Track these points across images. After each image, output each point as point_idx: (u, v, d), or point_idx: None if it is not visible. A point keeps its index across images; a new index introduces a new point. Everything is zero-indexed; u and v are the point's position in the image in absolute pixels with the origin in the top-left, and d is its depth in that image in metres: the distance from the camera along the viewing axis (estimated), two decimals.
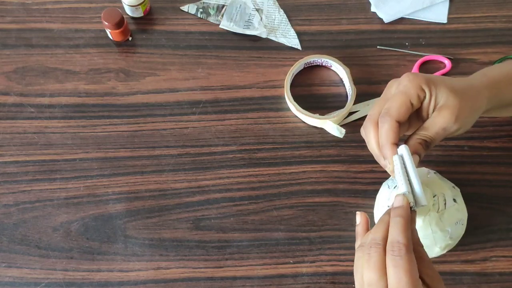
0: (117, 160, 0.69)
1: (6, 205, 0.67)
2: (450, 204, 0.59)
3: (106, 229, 0.66)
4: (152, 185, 0.68)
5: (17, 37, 0.75)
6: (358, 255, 0.48)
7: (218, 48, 0.76)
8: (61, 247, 0.65)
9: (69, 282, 0.64)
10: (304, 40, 0.76)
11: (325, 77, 0.75)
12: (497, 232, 0.67)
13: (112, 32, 0.73)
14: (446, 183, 0.61)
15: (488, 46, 0.76)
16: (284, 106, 0.73)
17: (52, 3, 0.77)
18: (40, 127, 0.71)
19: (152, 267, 0.65)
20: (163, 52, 0.75)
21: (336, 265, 0.65)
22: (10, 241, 0.66)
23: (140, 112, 0.72)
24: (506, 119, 0.73)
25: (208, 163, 0.70)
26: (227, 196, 0.68)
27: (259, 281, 0.65)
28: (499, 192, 0.69)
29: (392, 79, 0.55)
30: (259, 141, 0.71)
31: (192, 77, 0.74)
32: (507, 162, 0.71)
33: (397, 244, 0.45)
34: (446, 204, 0.58)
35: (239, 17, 0.77)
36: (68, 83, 0.73)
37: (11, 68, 0.74)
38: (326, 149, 0.71)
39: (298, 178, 0.69)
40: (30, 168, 0.69)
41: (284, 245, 0.66)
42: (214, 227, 0.67)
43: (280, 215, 0.68)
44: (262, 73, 0.74)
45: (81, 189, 0.68)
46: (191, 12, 0.78)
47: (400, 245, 0.45)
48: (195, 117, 0.72)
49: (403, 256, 0.44)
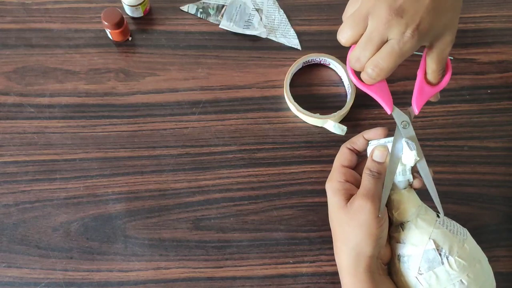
0: (117, 160, 0.69)
1: (6, 205, 0.67)
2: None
3: (106, 229, 0.66)
4: (152, 185, 0.68)
5: (17, 37, 0.75)
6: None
7: (218, 48, 0.76)
8: (61, 247, 0.65)
9: (69, 282, 0.64)
10: (304, 40, 0.76)
11: (324, 77, 0.75)
12: (497, 232, 0.67)
13: (112, 32, 0.73)
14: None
15: (488, 46, 0.76)
16: (284, 106, 0.73)
17: (52, 3, 0.77)
18: (40, 127, 0.71)
19: (152, 267, 0.65)
20: (163, 52, 0.75)
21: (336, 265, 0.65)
22: (10, 241, 0.66)
23: (140, 112, 0.72)
24: (506, 119, 0.73)
25: (208, 163, 0.70)
26: (227, 196, 0.68)
27: (259, 281, 0.65)
28: (499, 192, 0.69)
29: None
30: (259, 141, 0.71)
31: (192, 77, 0.74)
32: (507, 162, 0.71)
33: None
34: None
35: (239, 17, 0.77)
36: (68, 83, 0.73)
37: (11, 68, 0.74)
38: (326, 149, 0.71)
39: (298, 178, 0.69)
40: (30, 168, 0.69)
41: (284, 245, 0.66)
42: (214, 227, 0.67)
43: (280, 215, 0.68)
44: (262, 73, 0.74)
45: (81, 189, 0.68)
46: (191, 12, 0.78)
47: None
48: (195, 117, 0.72)
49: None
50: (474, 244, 0.55)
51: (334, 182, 0.56)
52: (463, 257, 0.52)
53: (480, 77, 0.75)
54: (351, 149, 0.57)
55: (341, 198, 0.54)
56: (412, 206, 0.55)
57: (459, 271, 0.51)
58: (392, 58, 0.49)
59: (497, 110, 0.73)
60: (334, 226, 0.56)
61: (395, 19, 0.48)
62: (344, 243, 0.54)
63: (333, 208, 0.56)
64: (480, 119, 0.73)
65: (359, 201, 0.53)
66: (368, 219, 0.52)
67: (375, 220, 0.52)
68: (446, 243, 0.52)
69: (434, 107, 0.73)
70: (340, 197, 0.54)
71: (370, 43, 0.50)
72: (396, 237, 0.55)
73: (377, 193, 0.53)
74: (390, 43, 0.49)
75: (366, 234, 0.52)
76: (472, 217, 0.68)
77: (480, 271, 0.53)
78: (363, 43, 0.50)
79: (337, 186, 0.55)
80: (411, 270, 0.53)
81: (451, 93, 0.74)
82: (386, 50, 0.49)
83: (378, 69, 0.50)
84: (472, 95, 0.74)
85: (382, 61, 0.50)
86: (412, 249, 0.53)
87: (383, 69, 0.50)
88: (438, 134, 0.72)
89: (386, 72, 0.50)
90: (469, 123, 0.73)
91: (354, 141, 0.57)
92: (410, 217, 0.54)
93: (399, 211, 0.55)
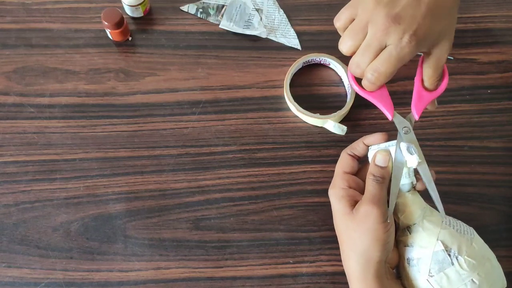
0: (117, 160, 0.69)
1: (6, 205, 0.67)
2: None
3: (106, 229, 0.66)
4: (152, 185, 0.68)
5: (17, 37, 0.75)
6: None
7: (218, 48, 0.76)
8: (61, 247, 0.65)
9: (69, 282, 0.64)
10: (304, 40, 0.76)
11: (324, 77, 0.75)
12: (497, 232, 0.67)
13: (112, 32, 0.73)
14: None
15: (488, 46, 0.76)
16: (284, 106, 0.73)
17: (52, 3, 0.77)
18: (40, 127, 0.71)
19: (152, 267, 0.65)
20: (163, 52, 0.75)
21: (336, 265, 0.65)
22: (10, 241, 0.66)
23: (140, 112, 0.72)
24: (506, 119, 0.73)
25: (208, 163, 0.70)
26: (227, 196, 0.68)
27: (259, 281, 0.65)
28: (499, 192, 0.69)
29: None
30: (259, 141, 0.71)
31: (192, 77, 0.74)
32: (507, 162, 0.71)
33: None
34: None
35: (239, 17, 0.77)
36: (68, 83, 0.73)
37: (11, 68, 0.74)
38: (326, 149, 0.71)
39: (298, 178, 0.69)
40: (30, 168, 0.69)
41: (284, 245, 0.66)
42: (214, 227, 0.67)
43: (280, 215, 0.68)
44: (262, 73, 0.74)
45: (81, 189, 0.68)
46: (191, 12, 0.78)
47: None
48: (195, 117, 0.72)
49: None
50: (481, 242, 0.55)
51: (338, 189, 0.56)
52: (473, 256, 0.52)
53: (480, 77, 0.75)
54: (351, 155, 0.58)
55: (346, 205, 0.54)
56: (417, 208, 0.55)
57: (470, 270, 0.51)
58: (390, 63, 0.50)
59: (497, 110, 0.73)
60: (340, 233, 0.56)
61: (392, 26, 0.49)
62: (352, 250, 0.54)
63: (338, 215, 0.56)
64: (480, 119, 0.73)
65: (365, 207, 0.52)
66: (375, 224, 0.52)
67: (382, 225, 0.52)
68: (455, 243, 0.52)
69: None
70: (345, 203, 0.54)
71: (369, 49, 0.51)
72: (403, 240, 0.55)
73: (382, 198, 0.53)
74: (389, 48, 0.50)
75: (373, 239, 0.52)
76: (472, 217, 0.68)
77: (490, 269, 0.53)
78: (362, 50, 0.51)
79: (341, 193, 0.55)
80: (421, 273, 0.53)
81: (451, 93, 0.74)
82: (384, 56, 0.50)
83: (377, 73, 0.51)
84: (472, 95, 0.74)
85: (381, 66, 0.51)
86: (421, 251, 0.53)
87: (382, 74, 0.51)
88: (438, 134, 0.72)
89: (385, 76, 0.51)
90: (469, 123, 0.73)
91: (354, 147, 0.58)
92: (416, 219, 0.54)
93: (404, 214, 0.55)
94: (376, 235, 0.52)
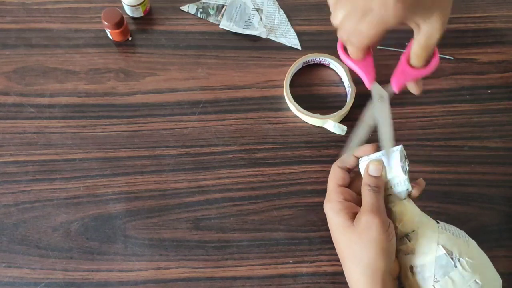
0: (117, 160, 0.69)
1: (6, 205, 0.67)
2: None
3: (106, 229, 0.66)
4: (152, 185, 0.68)
5: (17, 37, 0.75)
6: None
7: (218, 48, 0.76)
8: (61, 247, 0.65)
9: (69, 282, 0.64)
10: (304, 40, 0.76)
11: (324, 77, 0.75)
12: (497, 232, 0.67)
13: (112, 32, 0.73)
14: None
15: (488, 46, 0.76)
16: (284, 106, 0.73)
17: (52, 3, 0.77)
18: (40, 127, 0.71)
19: (152, 267, 0.65)
20: (163, 52, 0.75)
21: (336, 265, 0.65)
22: (10, 241, 0.66)
23: (140, 112, 0.72)
24: (506, 119, 0.73)
25: (208, 163, 0.70)
26: (227, 196, 0.68)
27: (259, 281, 0.65)
28: (499, 192, 0.69)
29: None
30: (259, 141, 0.71)
31: (192, 77, 0.74)
32: (507, 162, 0.71)
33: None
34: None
35: (239, 17, 0.77)
36: (68, 83, 0.73)
37: (11, 68, 0.74)
38: (326, 149, 0.71)
39: (298, 178, 0.69)
40: (30, 168, 0.69)
41: (284, 245, 0.66)
42: (214, 227, 0.67)
43: (280, 215, 0.68)
44: (262, 73, 0.74)
45: (81, 189, 0.68)
46: (191, 12, 0.78)
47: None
48: (195, 117, 0.72)
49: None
50: (475, 243, 0.55)
51: (334, 203, 0.55)
52: (472, 257, 0.52)
53: (480, 77, 0.75)
54: (342, 167, 0.57)
55: (346, 218, 0.54)
56: (414, 216, 0.55)
57: (472, 271, 0.51)
58: (373, 24, 0.49)
59: (497, 110, 0.73)
60: (341, 248, 0.55)
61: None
62: (355, 263, 0.53)
63: (337, 228, 0.55)
64: (480, 119, 0.73)
65: (366, 217, 0.52)
66: (379, 234, 0.51)
67: (385, 234, 0.52)
68: (454, 246, 0.52)
69: (434, 107, 0.73)
70: (344, 216, 0.54)
71: (354, 12, 0.50)
72: (403, 249, 0.55)
73: (381, 207, 0.53)
74: (373, 11, 0.49)
75: (378, 249, 0.52)
76: (472, 217, 0.68)
77: (489, 269, 0.53)
78: (348, 13, 0.51)
79: (338, 206, 0.55)
80: (426, 279, 0.53)
81: (451, 93, 0.74)
82: (368, 18, 0.49)
83: (360, 36, 0.51)
84: (472, 95, 0.74)
85: (364, 28, 0.50)
86: (424, 258, 0.53)
87: (365, 36, 0.51)
88: (438, 134, 0.72)
89: (368, 38, 0.51)
90: (469, 123, 0.73)
91: (344, 160, 0.57)
92: (414, 227, 0.54)
93: (402, 223, 0.55)
94: (380, 244, 0.52)
